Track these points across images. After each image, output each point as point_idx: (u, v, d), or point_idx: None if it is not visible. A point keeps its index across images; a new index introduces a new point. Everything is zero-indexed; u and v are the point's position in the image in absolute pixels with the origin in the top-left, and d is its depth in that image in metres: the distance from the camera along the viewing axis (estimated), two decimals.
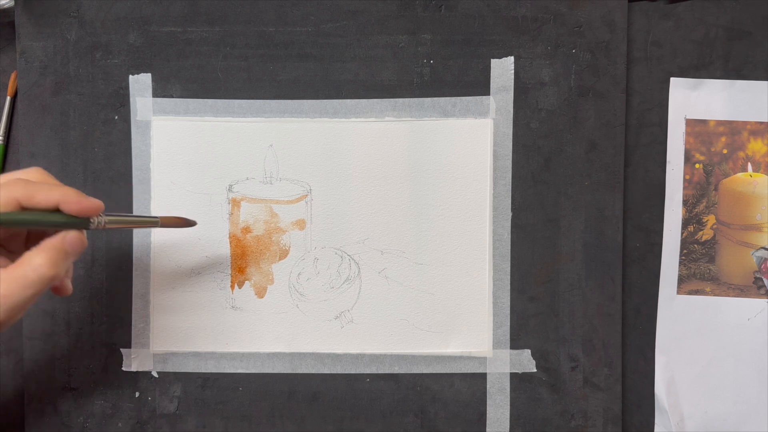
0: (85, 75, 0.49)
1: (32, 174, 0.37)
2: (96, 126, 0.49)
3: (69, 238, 0.36)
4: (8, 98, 0.50)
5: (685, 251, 0.49)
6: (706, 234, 0.49)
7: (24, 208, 0.35)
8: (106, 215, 0.37)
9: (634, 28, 0.49)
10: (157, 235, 0.49)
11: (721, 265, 0.49)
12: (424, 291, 0.49)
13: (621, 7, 0.48)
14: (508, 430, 0.49)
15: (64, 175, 0.49)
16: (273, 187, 0.49)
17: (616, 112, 0.49)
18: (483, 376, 0.49)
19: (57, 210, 0.36)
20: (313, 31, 0.48)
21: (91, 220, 0.37)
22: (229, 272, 0.49)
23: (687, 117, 0.49)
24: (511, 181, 0.49)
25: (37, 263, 0.34)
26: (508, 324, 0.49)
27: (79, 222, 0.36)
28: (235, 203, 0.49)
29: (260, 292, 0.49)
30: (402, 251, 0.49)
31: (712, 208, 0.49)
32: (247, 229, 0.49)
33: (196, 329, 0.49)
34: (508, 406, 0.49)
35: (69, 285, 0.39)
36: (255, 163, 0.49)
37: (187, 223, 0.45)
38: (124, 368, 0.49)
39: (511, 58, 0.48)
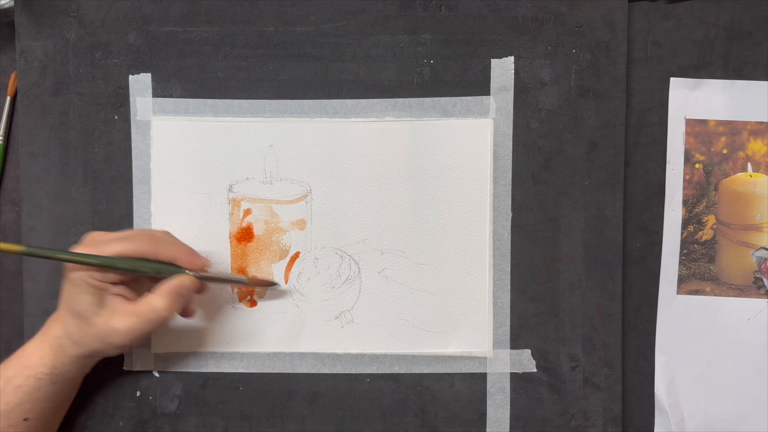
0: (85, 75, 0.49)
1: (161, 233, 0.45)
2: (96, 126, 0.49)
3: (183, 283, 0.43)
4: (8, 98, 0.50)
5: (685, 251, 0.49)
6: (706, 234, 0.49)
7: (148, 259, 0.43)
8: (205, 272, 0.45)
9: (634, 28, 0.49)
10: None
11: (721, 265, 0.49)
12: (424, 291, 0.49)
13: (621, 7, 0.48)
14: (508, 430, 0.49)
15: (64, 175, 0.49)
16: (273, 187, 0.49)
17: (616, 112, 0.49)
18: (483, 376, 0.49)
19: (171, 263, 0.44)
20: (313, 31, 0.48)
21: (186, 271, 0.44)
22: (229, 272, 0.49)
23: (687, 117, 0.49)
24: (511, 181, 0.49)
25: (158, 306, 0.43)
26: (508, 324, 0.49)
27: (176, 271, 0.44)
28: (235, 203, 0.49)
29: (260, 292, 0.49)
30: (402, 251, 0.49)
31: (712, 208, 0.49)
32: (247, 229, 0.49)
33: (197, 329, 0.49)
34: (508, 406, 0.49)
35: (193, 308, 0.47)
36: (255, 163, 0.49)
37: (271, 283, 0.49)
38: (125, 368, 0.49)
39: (511, 58, 0.48)
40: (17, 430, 0.43)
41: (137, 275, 0.44)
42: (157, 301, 0.43)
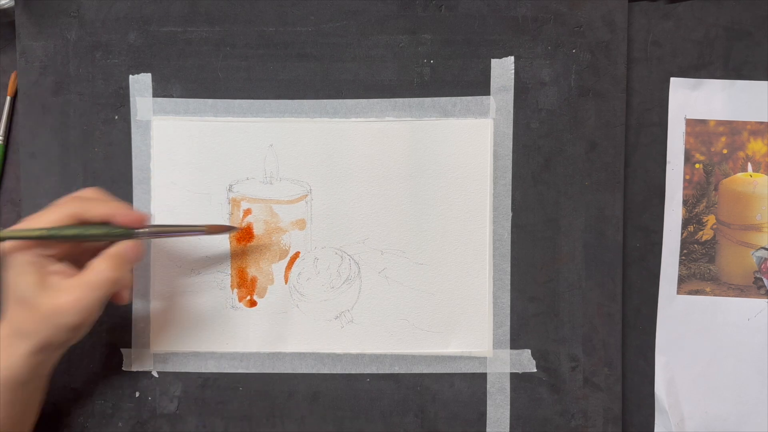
0: (85, 75, 0.49)
1: (88, 192, 0.42)
2: (96, 126, 0.49)
3: (126, 246, 0.41)
4: (8, 98, 0.50)
5: (685, 251, 0.49)
6: (706, 234, 0.49)
7: (84, 222, 0.40)
8: (154, 226, 0.41)
9: (634, 28, 0.49)
10: None
11: (721, 265, 0.49)
12: (424, 291, 0.49)
13: (621, 7, 0.48)
14: (508, 430, 0.49)
15: (64, 175, 0.49)
16: (273, 187, 0.49)
17: (616, 112, 0.49)
18: (483, 376, 0.49)
19: (107, 222, 0.41)
20: (313, 31, 0.49)
21: (137, 231, 0.41)
22: (229, 272, 0.49)
23: (687, 117, 0.49)
24: (511, 181, 0.49)
25: (100, 268, 0.40)
26: (508, 324, 0.49)
27: (127, 233, 0.41)
28: (235, 203, 0.49)
29: (260, 292, 0.49)
30: (402, 251, 0.49)
31: (712, 208, 0.49)
32: (247, 229, 0.49)
33: (197, 329, 0.49)
34: (509, 406, 0.49)
35: (126, 295, 0.44)
36: (255, 163, 0.49)
37: (230, 229, 0.47)
38: (124, 368, 0.49)
39: (511, 58, 0.48)
40: None
41: (78, 248, 0.42)
42: (99, 264, 0.40)
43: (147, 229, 0.42)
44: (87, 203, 0.41)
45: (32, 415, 0.44)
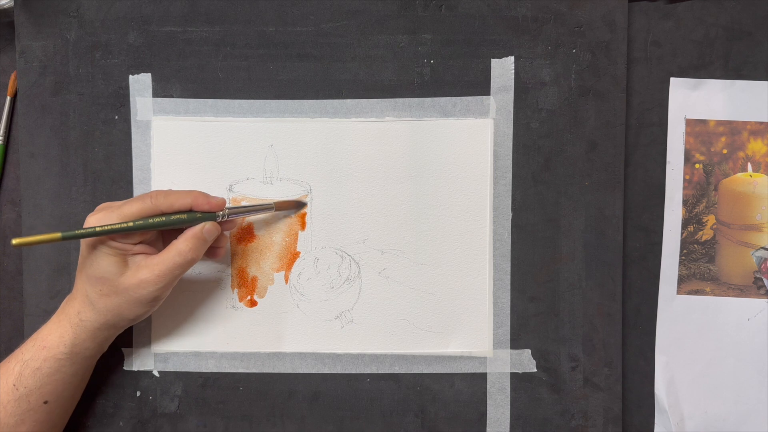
0: (85, 75, 0.49)
1: (165, 190, 0.44)
2: (96, 126, 0.49)
3: (207, 228, 0.44)
4: (8, 98, 0.50)
5: (685, 251, 0.49)
6: (706, 234, 0.49)
7: (163, 213, 0.43)
8: (228, 208, 0.45)
9: (634, 28, 0.49)
10: None
11: (721, 265, 0.49)
12: (424, 291, 0.49)
13: (621, 7, 0.48)
14: (508, 430, 0.49)
15: (64, 175, 0.49)
16: (273, 187, 0.49)
17: (616, 112, 0.49)
18: (483, 376, 0.49)
19: (189, 210, 0.44)
20: (313, 31, 0.48)
21: (217, 214, 0.44)
22: (230, 272, 0.49)
23: (687, 117, 0.49)
24: (511, 181, 0.49)
25: (183, 249, 0.43)
26: (509, 324, 0.49)
27: (209, 216, 0.44)
28: (235, 203, 0.49)
29: (261, 292, 0.49)
30: (402, 251, 0.49)
31: (712, 208, 0.49)
32: (247, 229, 0.49)
33: (197, 329, 0.49)
34: (509, 406, 0.49)
35: (222, 250, 0.47)
36: (255, 163, 0.49)
37: (299, 205, 0.49)
38: (125, 367, 0.49)
39: (512, 58, 0.48)
40: (37, 414, 0.43)
41: (156, 233, 0.45)
42: (181, 245, 0.43)
43: (227, 211, 0.45)
44: (171, 196, 0.43)
45: (81, 392, 0.47)
